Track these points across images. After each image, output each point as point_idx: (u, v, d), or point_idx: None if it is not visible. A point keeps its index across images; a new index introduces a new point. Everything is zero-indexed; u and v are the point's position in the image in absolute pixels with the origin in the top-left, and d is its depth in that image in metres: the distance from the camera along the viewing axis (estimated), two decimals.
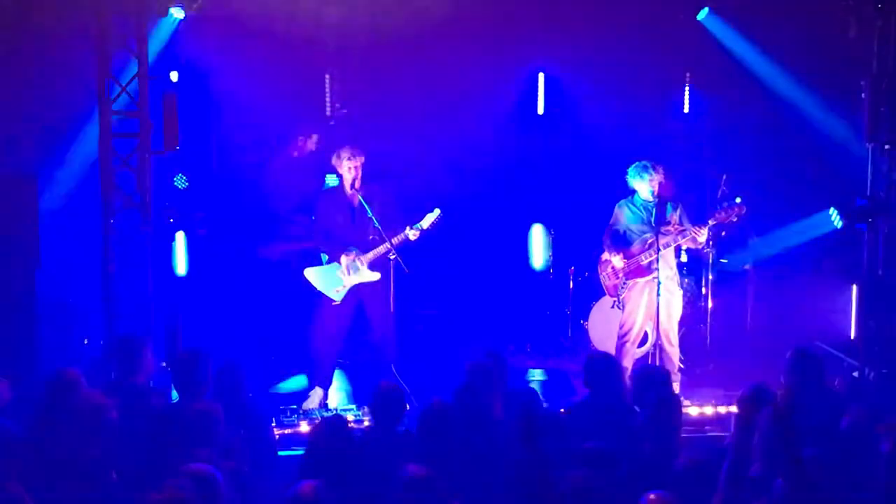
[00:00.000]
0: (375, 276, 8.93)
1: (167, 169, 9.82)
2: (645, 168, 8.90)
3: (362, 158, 8.93)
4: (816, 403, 6.24)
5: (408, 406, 6.98)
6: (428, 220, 8.89)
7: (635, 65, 10.83)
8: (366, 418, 8.05)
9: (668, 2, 10.46)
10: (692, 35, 10.68)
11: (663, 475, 5.16)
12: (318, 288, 9.04)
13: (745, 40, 10.57)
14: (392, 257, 8.82)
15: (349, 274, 8.90)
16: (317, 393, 8.98)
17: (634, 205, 9.02)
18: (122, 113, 8.56)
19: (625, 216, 9.09)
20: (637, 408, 6.44)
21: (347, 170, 8.90)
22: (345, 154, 8.91)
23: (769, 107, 10.84)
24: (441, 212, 8.91)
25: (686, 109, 11.40)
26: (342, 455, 5.49)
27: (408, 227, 8.85)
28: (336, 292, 8.98)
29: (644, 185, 8.89)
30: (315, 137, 10.83)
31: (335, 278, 8.96)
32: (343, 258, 8.88)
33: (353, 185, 8.94)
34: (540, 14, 10.89)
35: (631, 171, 8.98)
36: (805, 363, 6.68)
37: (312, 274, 9.10)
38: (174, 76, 8.68)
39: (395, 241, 8.80)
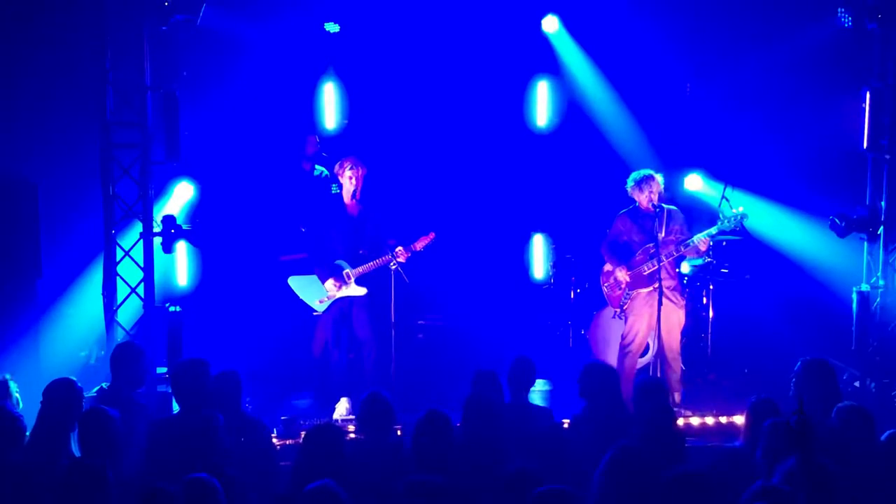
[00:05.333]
0: (361, 291, 8.96)
1: (169, 179, 9.83)
2: (645, 178, 8.90)
3: (364, 170, 9.00)
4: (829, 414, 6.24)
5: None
6: (421, 243, 8.94)
7: (635, 73, 10.85)
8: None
9: (667, 9, 10.48)
10: (692, 42, 10.72)
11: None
12: (301, 297, 9.12)
13: (747, 48, 10.62)
14: (393, 267, 8.85)
15: (337, 288, 8.94)
16: (343, 403, 8.94)
17: (636, 214, 9.02)
18: (123, 123, 8.57)
19: (626, 226, 9.08)
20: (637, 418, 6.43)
21: (348, 179, 8.96)
22: (347, 164, 8.98)
23: (770, 115, 10.85)
24: (435, 235, 8.96)
25: (685, 118, 11.40)
26: (333, 462, 5.47)
27: (399, 248, 8.87)
28: (319, 303, 9.02)
29: (644, 194, 8.88)
30: (315, 139, 10.86)
31: (319, 289, 9.00)
32: (329, 283, 8.93)
33: (353, 196, 8.98)
34: (540, 24, 10.98)
35: (630, 180, 8.97)
36: (817, 373, 6.66)
37: (296, 282, 9.15)
38: (175, 86, 8.70)
39: (383, 259, 8.86)
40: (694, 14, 10.59)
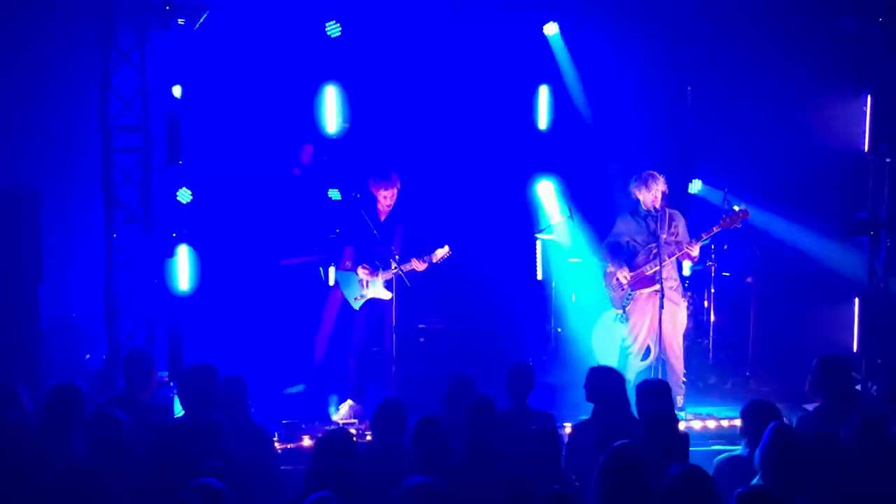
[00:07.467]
0: (387, 294, 9.05)
1: (170, 183, 9.83)
2: (648, 178, 8.91)
3: (397, 186, 9.16)
4: (845, 411, 6.26)
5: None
6: (438, 255, 9.03)
7: (636, 76, 10.85)
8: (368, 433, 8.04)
9: (669, 13, 10.49)
10: (693, 46, 10.73)
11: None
12: (342, 290, 9.33)
13: (750, 53, 10.63)
14: (395, 271, 8.88)
15: (366, 287, 9.10)
16: (347, 405, 9.04)
17: (637, 215, 9.02)
18: (124, 128, 8.57)
19: (628, 226, 9.08)
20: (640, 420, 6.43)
21: (383, 198, 9.14)
22: (381, 187, 9.13)
23: (772, 118, 10.86)
24: (450, 249, 9.05)
25: (687, 121, 11.40)
26: (346, 468, 5.48)
27: (414, 259, 8.96)
28: (355, 300, 9.22)
29: (647, 195, 8.89)
30: (310, 148, 10.85)
31: (357, 286, 9.19)
32: (360, 270, 9.10)
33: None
34: (541, 24, 11.00)
35: (633, 181, 8.98)
36: (832, 372, 6.69)
37: (341, 276, 9.36)
38: (177, 91, 8.70)
39: (403, 268, 8.96)
40: (695, 17, 10.58)
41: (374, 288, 9.12)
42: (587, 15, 10.67)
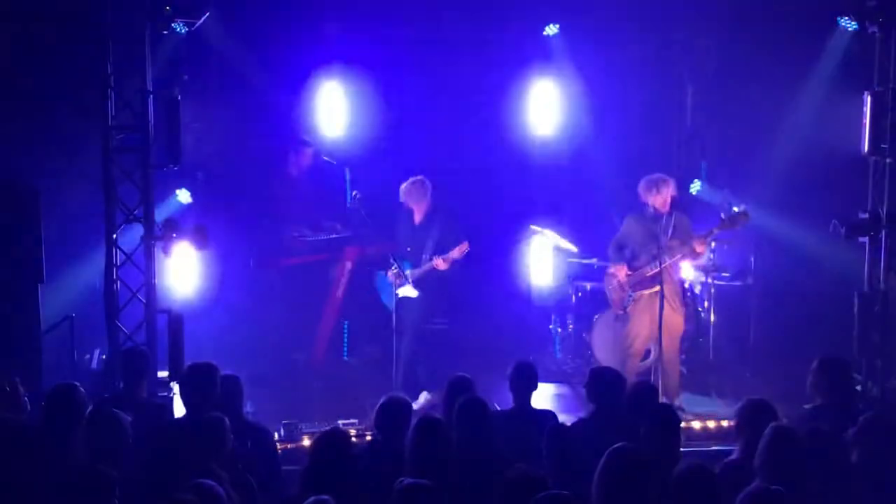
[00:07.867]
0: (414, 292, 9.21)
1: (170, 183, 9.84)
2: (658, 182, 8.93)
3: (425, 191, 9.35)
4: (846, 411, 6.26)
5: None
6: (458, 251, 9.14)
7: (638, 78, 10.86)
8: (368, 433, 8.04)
9: (668, 15, 10.50)
10: (693, 46, 10.74)
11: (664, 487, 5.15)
12: (379, 290, 9.63)
13: (750, 53, 10.65)
14: (394, 271, 8.92)
15: (396, 286, 9.28)
16: (424, 396, 9.23)
17: (644, 217, 9.04)
18: (124, 128, 8.56)
19: (632, 228, 9.11)
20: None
21: (414, 204, 9.34)
22: (411, 194, 9.33)
23: (771, 118, 10.87)
24: (469, 244, 9.18)
25: (689, 122, 11.41)
26: (342, 469, 5.48)
27: (436, 257, 9.12)
28: (387, 298, 9.45)
29: (657, 198, 8.91)
30: (310, 151, 10.84)
31: (389, 286, 9.42)
32: (389, 273, 9.28)
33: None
34: (541, 26, 11.01)
35: (643, 183, 9.01)
36: (833, 372, 6.69)
37: (380, 278, 9.66)
38: (176, 91, 8.70)
39: (422, 269, 9.18)
40: (695, 17, 10.60)
41: (402, 287, 9.26)
42: (587, 15, 10.67)
